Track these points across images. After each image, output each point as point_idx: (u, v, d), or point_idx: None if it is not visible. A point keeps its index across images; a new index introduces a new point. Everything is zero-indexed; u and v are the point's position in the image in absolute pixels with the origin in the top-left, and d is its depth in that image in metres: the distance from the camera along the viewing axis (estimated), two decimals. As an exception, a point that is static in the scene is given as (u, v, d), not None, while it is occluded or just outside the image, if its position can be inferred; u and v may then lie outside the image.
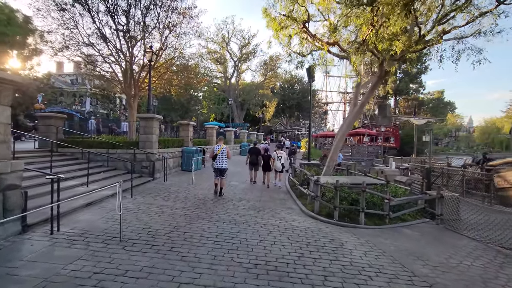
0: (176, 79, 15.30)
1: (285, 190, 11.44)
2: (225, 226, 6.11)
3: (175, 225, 5.92)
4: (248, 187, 11.20)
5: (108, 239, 4.86)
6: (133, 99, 13.20)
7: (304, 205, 8.80)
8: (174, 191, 9.39)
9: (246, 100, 41.68)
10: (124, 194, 8.17)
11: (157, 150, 11.47)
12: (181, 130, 15.94)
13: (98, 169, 10.32)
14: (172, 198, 8.37)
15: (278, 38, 12.10)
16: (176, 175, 12.62)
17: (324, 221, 7.31)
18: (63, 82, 48.33)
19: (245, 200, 8.98)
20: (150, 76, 11.21)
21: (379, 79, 11.50)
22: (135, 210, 6.74)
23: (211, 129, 20.84)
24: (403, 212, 7.59)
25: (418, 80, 56.63)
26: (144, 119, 11.21)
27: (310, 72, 16.28)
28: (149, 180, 10.63)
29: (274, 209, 8.19)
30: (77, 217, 5.98)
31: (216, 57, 39.56)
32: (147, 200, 7.87)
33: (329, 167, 11.88)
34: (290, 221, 7.01)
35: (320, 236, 6.06)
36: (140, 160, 11.05)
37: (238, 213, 7.35)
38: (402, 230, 7.05)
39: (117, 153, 11.10)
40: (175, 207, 7.32)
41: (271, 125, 61.13)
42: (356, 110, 12.19)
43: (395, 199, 7.29)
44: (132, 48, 12.92)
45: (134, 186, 9.24)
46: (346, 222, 7.26)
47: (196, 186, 10.57)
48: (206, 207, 7.63)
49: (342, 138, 12.14)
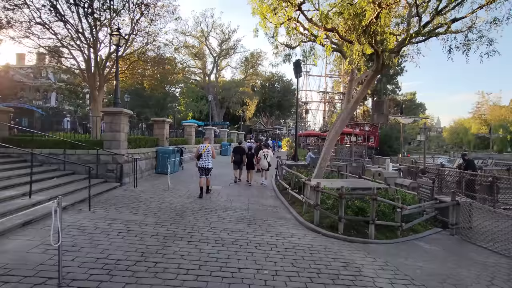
0: (149, 70, 13.52)
1: (274, 195, 10.24)
2: (210, 249, 4.75)
3: (143, 250, 4.47)
4: (233, 192, 9.86)
5: (39, 283, 3.33)
6: (98, 92, 11.33)
7: (300, 214, 7.63)
8: (146, 199, 7.84)
9: (226, 97, 40.07)
10: (81, 206, 6.54)
11: (126, 151, 9.79)
12: (156, 128, 14.22)
13: (50, 174, 8.51)
14: (143, 209, 6.84)
15: (264, 27, 10.93)
16: (150, 179, 10.98)
17: (328, 235, 6.16)
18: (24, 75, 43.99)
19: (231, 209, 7.64)
20: (117, 63, 9.49)
21: (375, 73, 10.58)
22: (90, 230, 5.18)
23: (189, 127, 19.19)
24: (415, 222, 6.62)
25: (395, 81, 57.99)
26: (110, 114, 9.49)
27: (297, 67, 15.23)
28: (115, 186, 8.96)
29: (266, 220, 6.94)
30: (3, 245, 4.34)
31: (194, 52, 37.59)
32: (110, 213, 6.29)
33: (321, 168, 10.83)
34: (288, 237, 5.78)
35: (329, 258, 4.87)
36: (104, 162, 9.34)
37: (224, 227, 6.01)
38: (418, 244, 6.06)
39: (76, 154, 9.30)
40: (145, 223, 5.83)
41: (251, 124, 59.90)
42: (350, 106, 11.23)
43: (408, 208, 6.28)
44: (97, 32, 11.07)
45: (96, 195, 7.60)
46: (353, 235, 6.16)
47: (172, 192, 9.07)
48: (186, 221, 6.21)
49: (335, 137, 11.12)
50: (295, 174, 9.65)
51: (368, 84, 11.26)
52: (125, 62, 12.70)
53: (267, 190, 11.08)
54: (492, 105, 66.45)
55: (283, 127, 56.83)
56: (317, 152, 28.96)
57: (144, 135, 13.74)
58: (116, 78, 9.58)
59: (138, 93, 25.84)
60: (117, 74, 9.58)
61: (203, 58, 39.38)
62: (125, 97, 22.67)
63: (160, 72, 14.08)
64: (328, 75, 61.34)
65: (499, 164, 17.51)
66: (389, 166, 10.20)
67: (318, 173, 10.71)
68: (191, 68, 39.95)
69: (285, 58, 12.22)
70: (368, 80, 10.99)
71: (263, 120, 61.46)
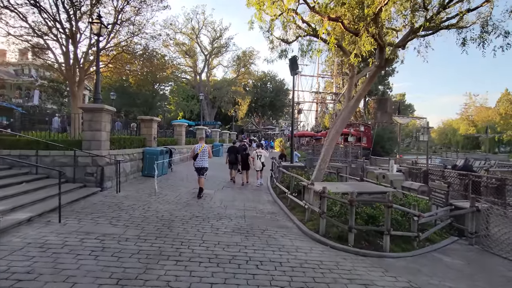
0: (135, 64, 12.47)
1: (271, 200, 9.49)
2: (203, 272, 3.92)
3: (120, 276, 3.61)
4: (227, 197, 9.05)
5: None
6: (78, 87, 10.29)
7: (302, 222, 6.90)
8: (129, 207, 6.92)
9: (218, 97, 39.03)
10: (50, 217, 5.60)
11: (108, 152, 8.82)
12: (143, 127, 13.21)
13: (20, 178, 7.49)
14: (124, 219, 5.94)
15: (260, 19, 10.21)
16: (135, 183, 10.03)
17: (337, 248, 5.42)
18: (4, 72, 41.84)
19: (225, 217, 6.82)
20: (97, 54, 8.47)
21: (378, 69, 9.98)
22: (56, 248, 4.26)
23: (179, 127, 18.20)
24: (432, 232, 5.96)
25: (386, 82, 58.25)
26: (89, 111, 8.50)
27: (293, 63, 14.50)
28: (95, 191, 7.99)
29: (266, 229, 6.16)
30: None
31: (185, 50, 36.46)
32: (84, 225, 5.38)
33: (321, 170, 10.13)
34: (293, 252, 5.01)
35: (344, 278, 4.13)
36: (83, 164, 8.35)
37: (219, 240, 5.19)
38: (437, 257, 5.39)
39: (51, 155, 8.29)
40: (125, 237, 4.94)
41: (243, 125, 58.98)
42: (351, 104, 10.58)
43: (425, 216, 5.61)
44: (76, 21, 10.04)
45: (71, 203, 6.67)
46: (365, 247, 5.45)
47: (160, 197, 8.17)
48: (174, 233, 5.35)
49: (335, 136, 10.45)
50: (294, 177, 8.90)
51: (371, 80, 10.65)
52: (109, 55, 11.66)
53: (263, 194, 10.33)
54: (479, 106, 67.71)
55: (275, 128, 56.15)
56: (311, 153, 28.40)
57: (132, 135, 12.72)
58: (97, 70, 8.59)
59: (125, 90, 24.57)
60: (97, 66, 8.58)
61: (194, 56, 38.27)
62: (111, 94, 21.42)
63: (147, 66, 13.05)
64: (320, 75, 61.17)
65: (502, 165, 17.26)
66: (393, 167, 9.57)
67: (317, 175, 10.00)
68: (182, 66, 38.80)
69: (281, 53, 11.57)
70: (371, 77, 10.39)
71: (255, 120, 60.64)
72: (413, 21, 7.98)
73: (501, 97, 62.91)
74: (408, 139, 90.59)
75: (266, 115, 57.24)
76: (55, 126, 12.84)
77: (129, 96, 25.37)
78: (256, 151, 11.69)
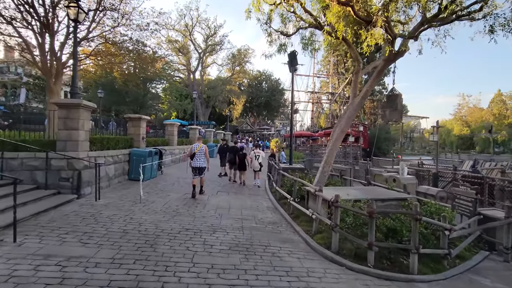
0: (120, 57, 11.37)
1: (271, 206, 8.57)
2: (192, 314, 2.97)
3: (76, 325, 2.63)
4: (222, 203, 8.08)
5: None
6: (54, 81, 9.19)
7: (308, 234, 5.99)
8: (107, 218, 5.91)
9: (212, 96, 37.93)
10: (3, 234, 4.55)
11: (87, 153, 7.77)
12: (131, 127, 12.13)
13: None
14: (99, 235, 4.93)
15: (258, 9, 9.46)
16: (119, 188, 8.99)
17: (355, 270, 4.52)
18: (-14, 70, 40.01)
19: (220, 229, 5.87)
20: (75, 42, 7.41)
21: (386, 63, 9.19)
22: (1, 280, 3.26)
23: (171, 127, 17.15)
24: (462, 247, 5.10)
25: (382, 82, 57.87)
26: (64, 107, 7.44)
27: (293, 59, 13.61)
28: (70, 199, 6.94)
29: (269, 245, 5.23)
30: None
31: (178, 47, 35.30)
32: (46, 245, 4.36)
33: (324, 173, 9.23)
34: (304, 276, 4.09)
35: (374, 317, 3.22)
36: (57, 168, 7.29)
37: (213, 263, 4.24)
38: (475, 279, 4.52)
39: (19, 158, 7.22)
40: (95, 261, 3.95)
41: (238, 125, 57.94)
42: (356, 101, 9.73)
43: (456, 228, 4.75)
44: (53, 7, 8.94)
45: (36, 214, 5.63)
46: (387, 268, 4.56)
47: (145, 205, 7.17)
48: (158, 254, 4.38)
49: (340, 136, 9.58)
50: (297, 181, 7.98)
51: (378, 75, 9.85)
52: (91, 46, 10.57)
53: (262, 199, 9.41)
54: (472, 107, 68.11)
55: (271, 128, 55.28)
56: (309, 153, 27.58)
57: (118, 135, 11.62)
58: (74, 62, 7.53)
59: (114, 88, 23.33)
60: (75, 56, 7.52)
61: (187, 54, 37.12)
62: (99, 92, 20.21)
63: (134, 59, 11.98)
64: (316, 75, 60.63)
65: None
66: (404, 170, 8.75)
67: (321, 178, 9.10)
68: (175, 64, 37.65)
69: (280, 48, 10.73)
70: (378, 71, 9.56)
71: (250, 121, 59.68)
72: (430, 7, 7.19)
73: (494, 97, 63.40)
74: (403, 139, 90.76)
75: (262, 115, 56.38)
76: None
77: (118, 93, 24.14)
78: (254, 152, 11.51)
